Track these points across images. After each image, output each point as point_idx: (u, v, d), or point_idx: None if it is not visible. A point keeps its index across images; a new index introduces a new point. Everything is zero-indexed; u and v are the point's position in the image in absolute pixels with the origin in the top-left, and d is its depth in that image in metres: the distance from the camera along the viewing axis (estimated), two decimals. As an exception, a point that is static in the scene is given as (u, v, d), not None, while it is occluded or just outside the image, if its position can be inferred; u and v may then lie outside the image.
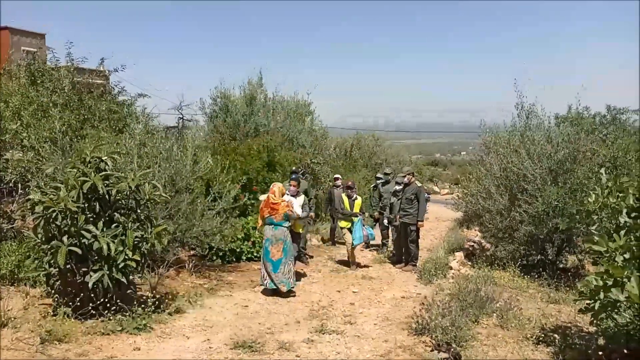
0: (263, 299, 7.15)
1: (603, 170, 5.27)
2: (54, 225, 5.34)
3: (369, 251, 10.90)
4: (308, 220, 10.18)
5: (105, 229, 5.49)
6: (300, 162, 12.31)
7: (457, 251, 10.38)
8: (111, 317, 5.45)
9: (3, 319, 5.10)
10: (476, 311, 6.13)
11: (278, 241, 7.20)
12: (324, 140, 16.71)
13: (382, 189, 10.82)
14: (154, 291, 6.28)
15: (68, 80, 9.96)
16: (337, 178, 11.25)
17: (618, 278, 3.91)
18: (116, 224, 5.64)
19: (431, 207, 14.51)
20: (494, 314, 6.19)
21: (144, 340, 5.26)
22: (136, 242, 5.63)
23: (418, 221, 9.03)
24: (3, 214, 7.47)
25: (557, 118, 11.95)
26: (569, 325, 6.00)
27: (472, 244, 11.12)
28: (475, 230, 12.56)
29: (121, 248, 5.46)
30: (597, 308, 4.16)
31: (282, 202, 7.30)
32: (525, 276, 8.19)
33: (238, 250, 8.98)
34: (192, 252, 8.92)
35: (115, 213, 5.75)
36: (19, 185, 7.93)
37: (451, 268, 8.85)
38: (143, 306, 5.71)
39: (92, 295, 5.42)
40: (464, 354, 5.11)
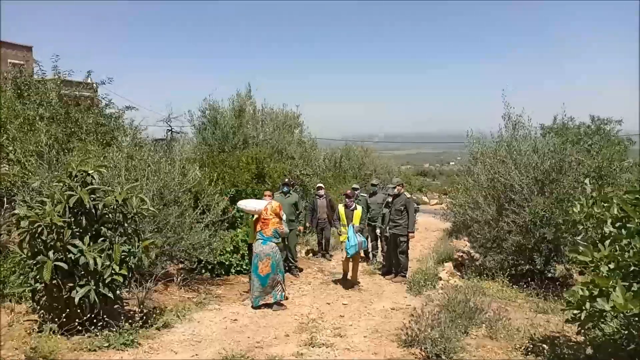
0: (252, 313, 7.10)
1: (587, 180, 5.35)
2: (40, 240, 5.27)
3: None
4: (297, 232, 10.15)
5: (91, 244, 5.42)
6: (289, 174, 12.32)
7: (447, 262, 10.40)
8: (98, 333, 5.38)
9: (-13, 337, 5.02)
10: (465, 322, 6.14)
11: (266, 257, 7.17)
12: (313, 151, 16.76)
13: (370, 200, 10.84)
14: (142, 306, 6.21)
15: (55, 93, 9.91)
16: (320, 187, 11.19)
17: (603, 288, 3.94)
18: (103, 238, 5.59)
19: (420, 218, 14.56)
20: (483, 325, 6.20)
21: (132, 356, 5.19)
22: (123, 257, 5.57)
23: (409, 232, 9.06)
24: (-12, 229, 7.37)
25: (543, 128, 12.12)
26: (558, 335, 6.02)
27: (461, 254, 11.18)
28: (464, 240, 12.62)
29: (108, 263, 5.41)
30: (584, 318, 4.18)
31: (274, 219, 7.27)
32: (513, 286, 8.24)
33: (227, 263, 8.92)
34: (181, 266, 8.85)
35: (102, 227, 5.69)
36: (5, 199, 7.84)
37: (440, 279, 8.87)
38: (130, 321, 5.64)
39: (79, 310, 5.35)
40: (454, 366, 5.12)
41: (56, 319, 5.31)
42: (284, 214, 7.80)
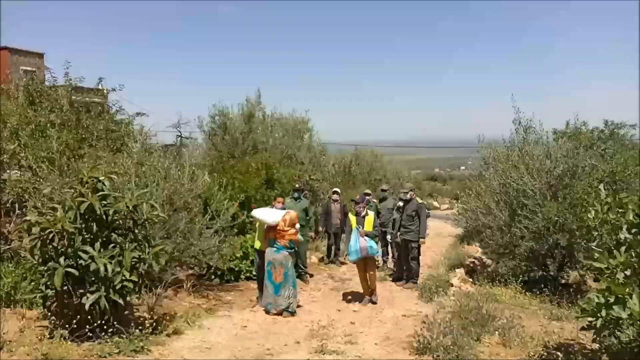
0: (262, 319, 7.07)
1: (602, 186, 5.26)
2: (51, 246, 5.30)
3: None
4: (307, 238, 10.11)
5: (102, 250, 5.43)
6: (299, 179, 12.30)
7: (458, 268, 10.31)
8: (108, 339, 5.37)
9: (-1, 343, 5.03)
10: (478, 329, 6.05)
11: (279, 265, 7.15)
12: (323, 156, 16.74)
13: (380, 206, 10.78)
14: (152, 312, 6.21)
15: (66, 99, 9.98)
16: (336, 192, 11.13)
17: (620, 295, 3.87)
18: (113, 245, 5.59)
19: (431, 223, 14.45)
20: (496, 332, 6.11)
21: (142, 362, 5.18)
22: (134, 263, 5.57)
23: (420, 238, 8.99)
24: (0, 235, 7.42)
25: (555, 133, 11.99)
26: (572, 342, 5.92)
27: (473, 260, 11.08)
28: (475, 246, 12.51)
29: (118, 269, 5.41)
30: (600, 326, 4.11)
31: (291, 230, 7.23)
32: (527, 292, 8.12)
33: (236, 269, 8.90)
34: (190, 272, 8.83)
35: (112, 233, 5.70)
36: (16, 205, 7.89)
37: (452, 285, 8.78)
38: (140, 328, 5.64)
39: (89, 317, 5.35)
40: (466, 374, 5.04)
41: (67, 325, 5.32)
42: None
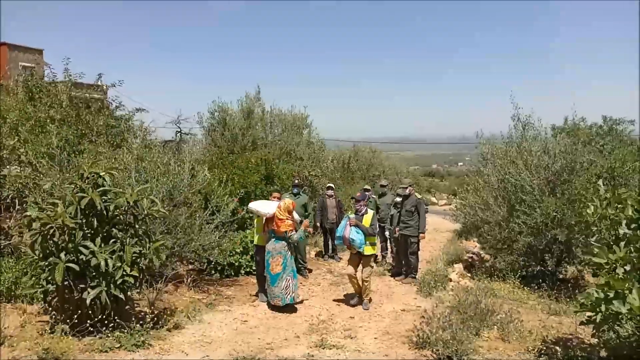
0: (262, 314, 7.10)
1: (601, 181, 5.29)
2: (52, 241, 5.32)
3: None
4: (306, 233, 10.13)
5: (103, 245, 5.46)
6: (298, 175, 12.30)
7: (457, 263, 10.34)
8: (109, 334, 5.41)
9: (0, 338, 5.05)
10: (477, 324, 6.09)
11: (278, 254, 7.15)
12: (322, 152, 16.74)
13: (379, 201, 10.80)
14: (152, 307, 6.23)
15: (65, 95, 9.97)
16: (330, 187, 11.10)
17: (619, 290, 3.90)
18: (114, 240, 5.61)
19: (429, 218, 14.49)
20: (495, 327, 6.15)
21: (143, 357, 5.20)
22: (134, 258, 5.60)
23: (419, 233, 9.03)
24: (0, 230, 7.42)
25: (554, 129, 12.03)
26: (571, 337, 5.97)
27: (471, 255, 11.11)
28: (474, 241, 12.54)
29: (119, 264, 5.43)
30: (599, 320, 4.14)
31: (287, 220, 7.23)
32: (525, 287, 8.17)
33: (236, 264, 8.92)
34: (191, 267, 8.87)
35: (113, 229, 5.72)
36: (17, 201, 7.89)
37: (451, 280, 8.82)
38: (141, 322, 5.67)
39: (90, 311, 5.38)
40: (466, 368, 5.08)
41: (68, 320, 5.35)
42: (297, 215, 7.75)
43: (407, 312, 7.32)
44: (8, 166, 8.16)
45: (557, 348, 5.52)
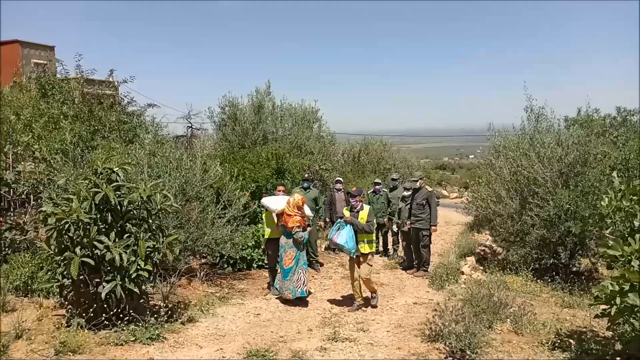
0: (274, 307, 7.14)
1: (615, 173, 5.23)
2: (67, 236, 5.38)
3: (379, 257, 10.80)
4: (317, 227, 10.14)
5: (117, 240, 5.52)
6: (308, 169, 12.31)
7: (469, 256, 10.30)
8: (124, 328, 5.47)
9: (17, 331, 5.13)
10: (490, 317, 6.08)
11: (290, 248, 7.18)
12: (332, 146, 16.72)
13: (390, 195, 10.77)
14: (166, 301, 6.29)
15: (78, 91, 10.07)
16: (339, 181, 10.95)
17: (635, 283, 3.86)
18: (128, 235, 5.67)
19: (441, 211, 14.42)
20: (508, 320, 6.13)
21: (158, 350, 5.27)
22: (148, 252, 5.65)
23: (431, 226, 9.02)
24: (16, 226, 7.52)
25: (567, 120, 11.90)
26: (585, 330, 5.93)
27: (484, 248, 11.05)
28: (485, 234, 12.49)
29: (133, 258, 5.49)
30: (614, 313, 4.11)
31: (296, 217, 7.23)
32: (538, 280, 8.12)
33: (249, 258, 8.97)
34: (203, 261, 8.94)
35: (127, 223, 5.77)
36: (31, 196, 8.00)
37: (463, 273, 8.79)
38: (156, 316, 5.73)
39: (105, 305, 5.45)
40: (479, 361, 5.07)
41: (83, 314, 5.42)
42: (308, 210, 7.74)
43: (420, 305, 7.32)
44: (22, 162, 8.28)
45: (571, 341, 5.49)
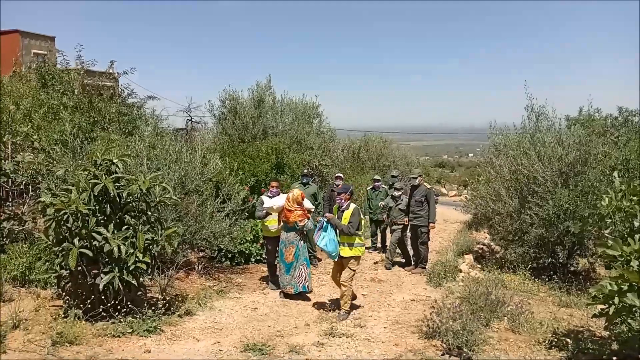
0: (272, 301, 7.14)
1: (616, 173, 5.22)
2: (65, 227, 5.37)
3: (377, 253, 10.80)
4: (316, 223, 10.10)
5: (116, 231, 5.51)
6: (308, 164, 12.29)
7: (467, 254, 10.30)
8: (121, 319, 5.47)
9: (15, 321, 5.12)
10: (487, 315, 6.08)
11: (290, 244, 7.18)
12: (332, 142, 16.69)
13: (390, 192, 10.74)
14: (164, 293, 6.30)
15: (78, 82, 10.03)
16: (339, 177, 10.76)
17: (634, 283, 3.86)
18: (127, 226, 5.66)
19: (439, 209, 14.41)
20: (505, 318, 6.13)
21: (154, 342, 5.27)
22: (147, 245, 5.64)
23: (430, 223, 9.02)
24: (14, 216, 7.51)
25: (568, 120, 11.87)
26: (582, 329, 5.93)
27: (482, 247, 11.06)
28: (484, 232, 12.49)
29: (132, 250, 5.49)
30: (612, 313, 4.11)
31: (296, 211, 7.22)
32: (535, 279, 8.12)
33: (247, 252, 8.97)
34: (201, 254, 8.93)
35: (125, 215, 5.76)
36: (30, 187, 7.98)
37: (461, 271, 8.79)
38: (153, 308, 5.74)
39: (103, 297, 5.44)
40: (476, 358, 5.08)
41: (81, 305, 5.42)
42: (309, 204, 7.71)
43: (417, 302, 7.32)
44: (22, 152, 8.26)
45: (568, 340, 5.49)
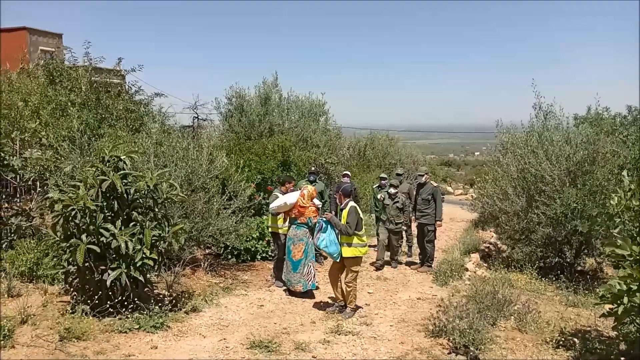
0: (278, 299, 7.15)
1: (625, 172, 5.18)
2: (73, 223, 5.39)
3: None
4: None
5: (123, 228, 5.52)
6: (314, 162, 12.28)
7: (473, 252, 10.27)
8: (128, 315, 5.50)
9: (23, 316, 5.16)
10: (494, 314, 6.06)
11: (299, 241, 7.17)
12: (338, 139, 16.67)
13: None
14: (171, 290, 6.31)
15: (86, 79, 10.06)
16: (346, 175, 10.53)
17: (643, 282, 3.83)
18: (134, 223, 5.68)
19: (445, 208, 14.32)
20: (512, 317, 6.12)
21: (161, 338, 5.29)
22: (154, 241, 5.65)
23: (436, 221, 8.99)
24: (22, 212, 7.55)
25: (576, 119, 11.79)
26: (589, 329, 5.91)
27: (488, 246, 11.02)
28: (490, 231, 12.43)
29: (139, 246, 5.50)
30: (621, 313, 4.08)
31: (310, 207, 7.21)
32: (542, 279, 8.09)
33: (253, 249, 8.98)
34: (208, 251, 8.96)
35: (133, 212, 5.79)
36: (38, 183, 8.02)
37: (467, 270, 8.77)
38: (160, 304, 5.76)
39: (110, 293, 5.47)
40: (482, 357, 5.07)
41: (88, 301, 5.45)
42: (317, 201, 7.70)
43: (423, 301, 7.31)
44: (30, 149, 8.30)
45: (575, 340, 5.47)
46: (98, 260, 5.49)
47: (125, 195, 5.68)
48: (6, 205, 7.59)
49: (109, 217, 5.56)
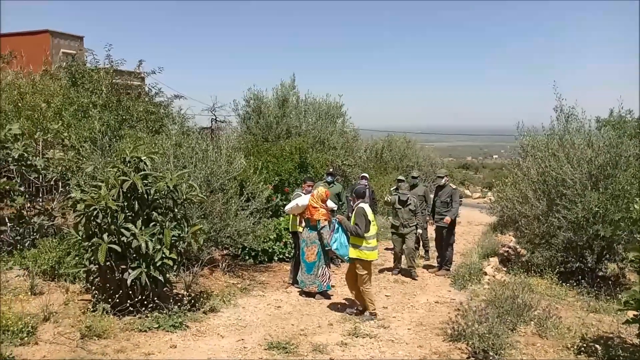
0: (295, 300, 7.15)
1: (650, 176, 5.09)
2: (95, 223, 5.46)
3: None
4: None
5: (143, 228, 5.58)
6: (331, 164, 12.29)
7: (492, 256, 10.16)
8: (148, 314, 5.55)
9: (45, 313, 5.24)
10: (513, 319, 5.98)
11: (312, 244, 7.19)
12: (355, 142, 16.66)
13: (410, 192, 10.58)
14: (189, 290, 6.36)
15: (107, 81, 10.20)
16: (364, 177, 10.37)
17: (669, 289, 3.76)
18: (154, 223, 5.73)
19: (464, 211, 14.24)
20: (532, 322, 6.03)
21: (180, 338, 5.33)
22: (173, 241, 5.70)
23: (447, 217, 8.86)
24: (44, 211, 7.68)
25: (599, 121, 11.62)
26: (611, 335, 5.79)
27: (507, 249, 10.89)
28: (509, 235, 12.29)
29: (159, 246, 5.55)
30: (645, 319, 4.00)
31: (321, 209, 7.22)
32: (563, 284, 7.97)
33: (270, 250, 9.02)
34: (225, 252, 9.00)
35: (153, 212, 5.84)
36: (60, 183, 8.15)
37: (486, 274, 8.67)
38: (179, 304, 5.81)
39: (130, 292, 5.53)
40: (502, 362, 5.00)
41: (109, 300, 5.50)
42: (331, 203, 7.69)
43: (441, 304, 7.26)
44: (52, 149, 8.44)
45: (597, 346, 5.36)
46: (119, 259, 5.55)
47: (145, 195, 5.74)
48: (29, 204, 7.72)
49: (130, 217, 5.62)
